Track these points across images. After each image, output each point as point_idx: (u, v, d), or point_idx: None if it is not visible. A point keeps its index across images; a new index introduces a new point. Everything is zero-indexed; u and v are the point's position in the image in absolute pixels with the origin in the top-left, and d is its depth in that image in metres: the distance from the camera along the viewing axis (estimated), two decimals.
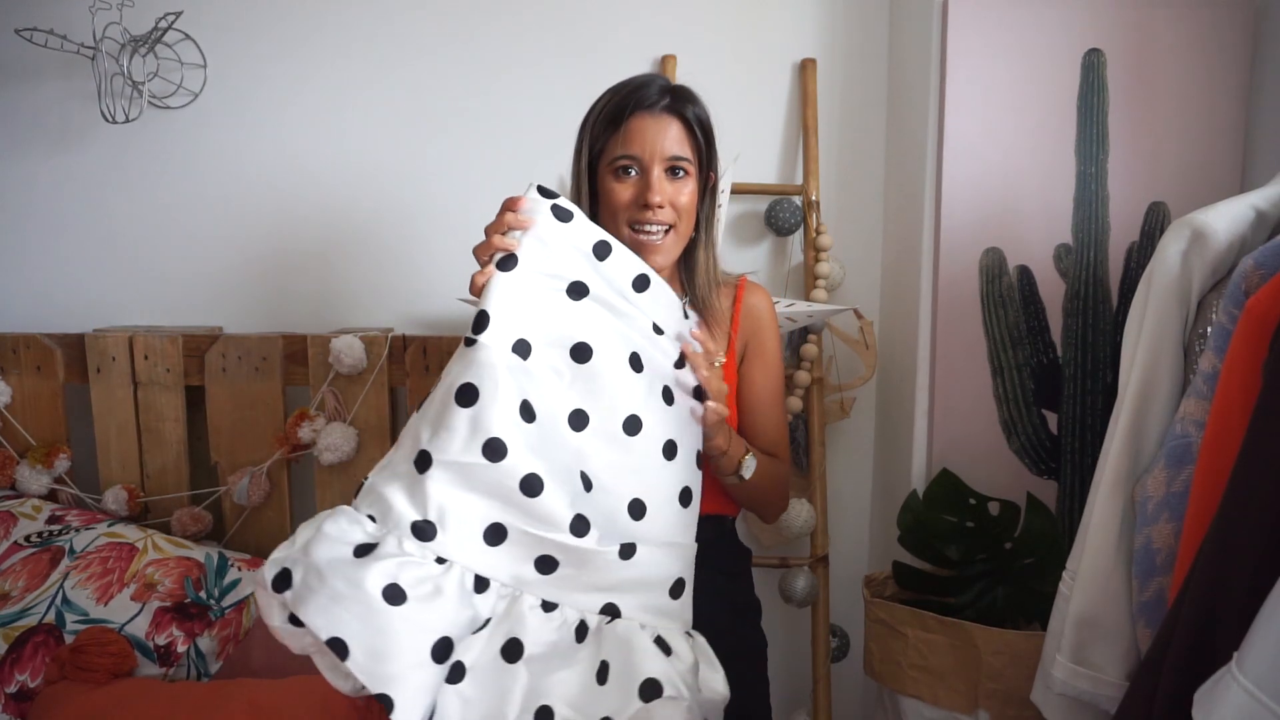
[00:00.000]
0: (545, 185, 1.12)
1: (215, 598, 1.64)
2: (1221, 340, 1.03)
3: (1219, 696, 0.76)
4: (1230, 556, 0.85)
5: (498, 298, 1.05)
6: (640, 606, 1.08)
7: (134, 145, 1.88)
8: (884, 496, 1.94)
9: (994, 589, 1.55)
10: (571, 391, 1.08)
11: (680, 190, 1.23)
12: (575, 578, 1.04)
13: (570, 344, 1.08)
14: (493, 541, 1.01)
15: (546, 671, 0.98)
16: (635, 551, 1.06)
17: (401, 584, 0.93)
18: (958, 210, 1.66)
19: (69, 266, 1.91)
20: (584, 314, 1.10)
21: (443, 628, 0.94)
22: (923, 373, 1.71)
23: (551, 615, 1.03)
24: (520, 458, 0.99)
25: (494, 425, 0.99)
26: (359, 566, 0.93)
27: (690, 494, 1.15)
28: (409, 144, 1.90)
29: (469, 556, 0.99)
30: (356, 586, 0.91)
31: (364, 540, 0.98)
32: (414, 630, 0.92)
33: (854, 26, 1.90)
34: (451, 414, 0.99)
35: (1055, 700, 1.26)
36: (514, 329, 1.05)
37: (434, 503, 0.98)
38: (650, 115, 1.22)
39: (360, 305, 1.94)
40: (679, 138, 1.23)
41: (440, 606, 0.95)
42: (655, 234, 1.22)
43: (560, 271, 1.10)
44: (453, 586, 0.97)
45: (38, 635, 1.51)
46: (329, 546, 0.95)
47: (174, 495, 1.81)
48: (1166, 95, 1.63)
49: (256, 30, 1.86)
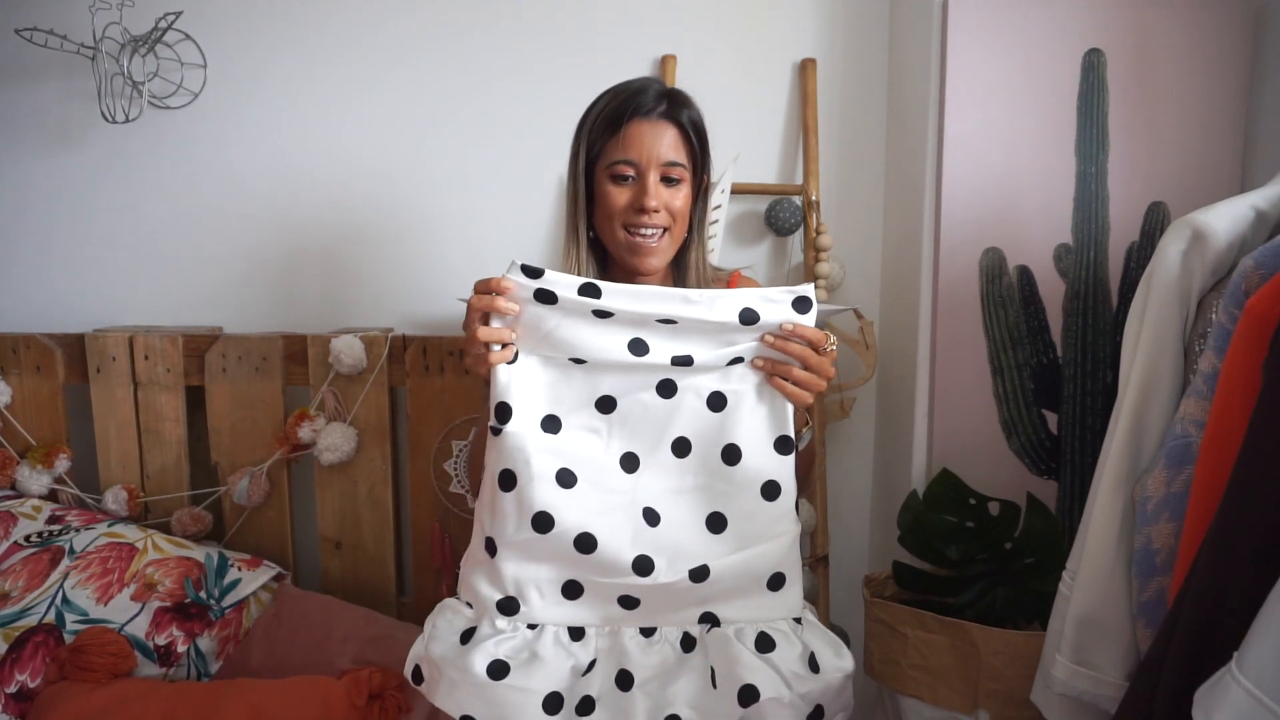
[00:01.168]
0: (528, 263, 1.07)
1: (215, 598, 1.64)
2: (1221, 340, 1.03)
3: (1219, 696, 0.76)
4: (1230, 556, 0.85)
5: (512, 388, 1.10)
6: (737, 610, 1.12)
7: (134, 145, 1.88)
8: (884, 496, 1.94)
9: (994, 589, 1.55)
10: (615, 440, 1.14)
11: (675, 195, 1.24)
12: (661, 605, 1.12)
13: (594, 400, 1.13)
14: (571, 595, 1.12)
15: (663, 686, 1.09)
16: (708, 573, 1.09)
17: (501, 658, 1.07)
18: (958, 210, 1.66)
19: (69, 266, 1.91)
20: (595, 372, 1.12)
21: (549, 685, 1.07)
22: (923, 373, 1.71)
23: (653, 639, 1.12)
24: (568, 522, 1.07)
25: (536, 501, 1.07)
26: (464, 653, 1.08)
27: (777, 487, 1.13)
28: (409, 144, 1.90)
29: (555, 615, 1.12)
30: (465, 671, 1.07)
31: (466, 626, 1.12)
32: (522, 693, 1.06)
33: (854, 26, 1.90)
34: (499, 500, 1.09)
35: (1055, 700, 1.26)
36: (537, 410, 1.11)
37: (509, 579, 1.11)
38: (647, 122, 1.23)
39: (360, 305, 1.94)
40: (675, 143, 1.24)
41: (540, 668, 1.08)
42: (651, 236, 1.24)
43: (560, 347, 1.11)
44: (547, 647, 1.10)
45: (38, 635, 1.51)
46: (440, 641, 1.12)
47: (174, 495, 1.81)
48: (1166, 95, 1.63)
49: (256, 30, 1.86)
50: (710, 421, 1.13)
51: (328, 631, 1.60)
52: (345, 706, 1.43)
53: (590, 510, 1.09)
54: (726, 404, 1.13)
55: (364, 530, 1.83)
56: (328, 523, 1.83)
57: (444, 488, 1.82)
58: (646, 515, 1.12)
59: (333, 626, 1.61)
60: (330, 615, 1.64)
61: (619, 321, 1.10)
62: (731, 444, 1.12)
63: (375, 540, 1.83)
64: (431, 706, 1.46)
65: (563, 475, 1.09)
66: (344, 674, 1.49)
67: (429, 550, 1.84)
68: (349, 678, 1.47)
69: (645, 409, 1.12)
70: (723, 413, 1.13)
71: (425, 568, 1.85)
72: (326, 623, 1.61)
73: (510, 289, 1.08)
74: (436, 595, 1.83)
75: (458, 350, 1.78)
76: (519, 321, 1.09)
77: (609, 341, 1.10)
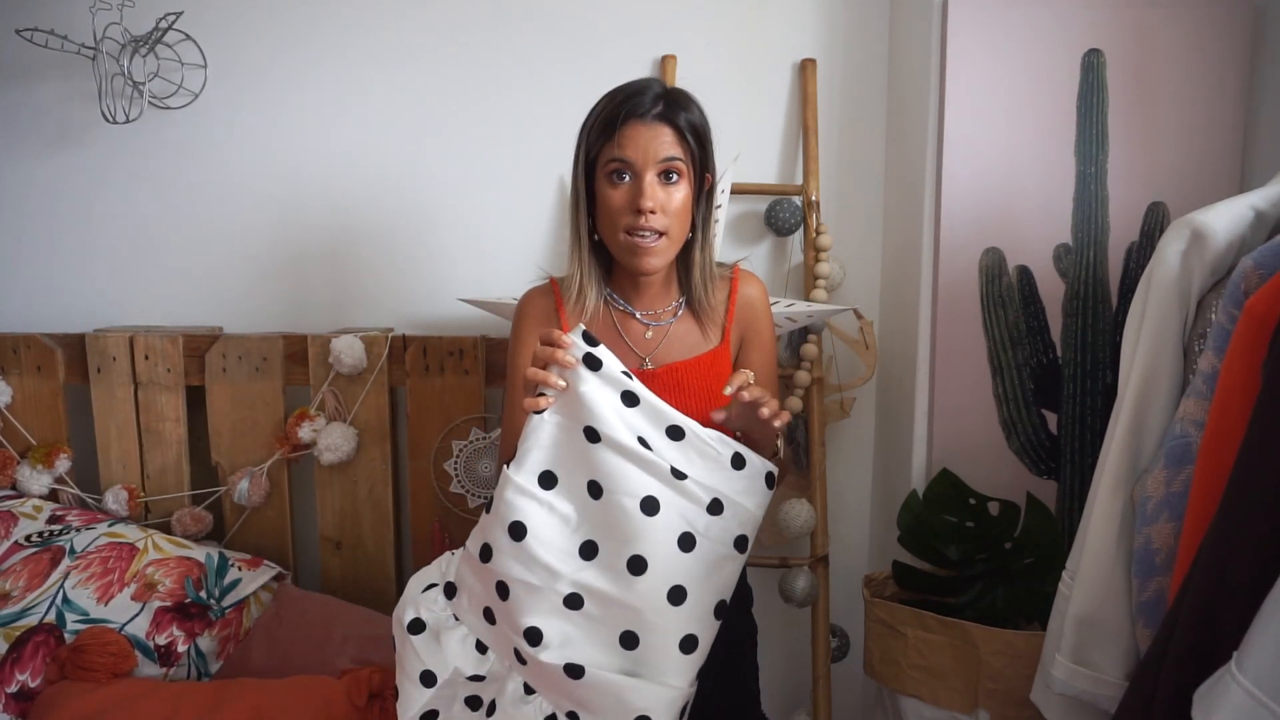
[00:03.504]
0: (589, 331, 1.16)
1: (215, 598, 1.64)
2: (1221, 340, 1.03)
3: (1219, 696, 0.76)
4: (1230, 556, 0.85)
5: (531, 437, 1.18)
6: None
7: (134, 145, 1.88)
8: (884, 496, 1.94)
9: (994, 589, 1.55)
10: (586, 523, 1.17)
11: (673, 195, 1.24)
12: (540, 681, 1.15)
13: (587, 480, 1.16)
14: (490, 621, 1.19)
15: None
16: (583, 673, 1.11)
17: (423, 619, 1.22)
18: (958, 210, 1.66)
19: (69, 266, 1.91)
20: (598, 456, 1.15)
21: (432, 664, 1.19)
22: (923, 373, 1.71)
23: (529, 699, 1.17)
24: (501, 566, 1.15)
25: (489, 535, 1.17)
26: (401, 605, 1.26)
27: (695, 642, 1.14)
28: (409, 144, 1.90)
29: (471, 622, 1.22)
30: (399, 621, 1.24)
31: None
32: (413, 656, 1.20)
33: (854, 26, 1.90)
34: (483, 517, 1.20)
35: (1055, 700, 1.26)
36: (540, 465, 1.18)
37: (455, 572, 1.25)
38: (642, 123, 1.23)
39: (360, 305, 1.94)
40: (671, 143, 1.24)
41: (437, 649, 1.19)
42: (649, 238, 1.24)
43: (583, 408, 1.15)
44: (454, 640, 1.20)
45: (38, 635, 1.51)
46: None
47: (174, 495, 1.81)
48: (1166, 95, 1.63)
49: (256, 30, 1.87)
50: (675, 559, 1.14)
51: (328, 631, 1.60)
52: (345, 706, 1.43)
53: (525, 567, 1.14)
54: (694, 549, 1.15)
55: (364, 530, 1.83)
56: (328, 523, 1.83)
57: (444, 488, 1.82)
58: (568, 601, 1.13)
59: (333, 626, 1.61)
60: (330, 615, 1.64)
61: (640, 412, 1.16)
62: (679, 586, 1.14)
63: (375, 540, 1.83)
64: None
65: (516, 528, 1.14)
66: (344, 674, 1.49)
67: (429, 550, 1.84)
68: (349, 677, 1.47)
69: (623, 514, 1.14)
70: (689, 555, 1.15)
71: None
72: (326, 623, 1.62)
73: (569, 345, 1.15)
74: None
75: (458, 350, 1.79)
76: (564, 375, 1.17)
77: (624, 426, 1.15)
